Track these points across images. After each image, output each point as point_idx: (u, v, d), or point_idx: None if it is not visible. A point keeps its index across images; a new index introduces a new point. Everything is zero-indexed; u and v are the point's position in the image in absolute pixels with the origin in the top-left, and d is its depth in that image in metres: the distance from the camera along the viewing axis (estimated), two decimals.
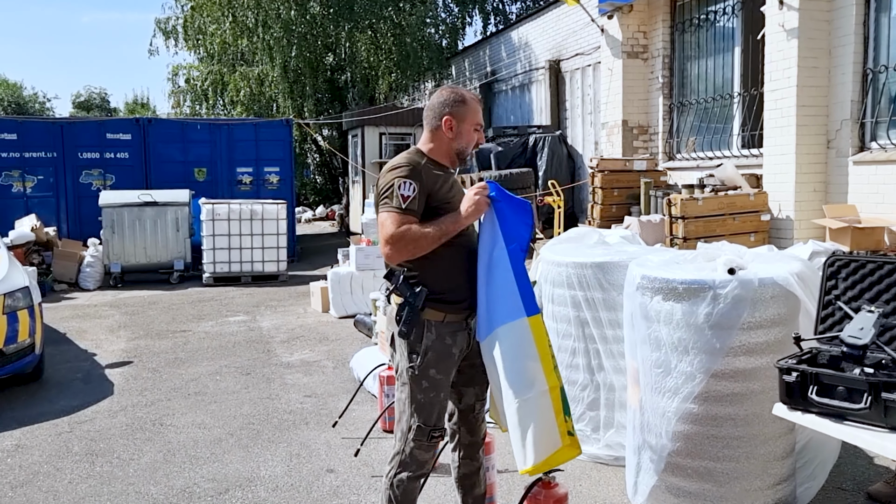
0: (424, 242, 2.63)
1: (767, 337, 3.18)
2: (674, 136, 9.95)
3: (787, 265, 3.31)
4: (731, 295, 3.11)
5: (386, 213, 2.63)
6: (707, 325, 3.15)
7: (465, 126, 2.82)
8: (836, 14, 7.26)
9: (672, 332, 3.26)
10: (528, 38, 14.51)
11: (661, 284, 3.27)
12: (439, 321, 2.74)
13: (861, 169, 7.13)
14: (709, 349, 3.17)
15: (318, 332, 7.69)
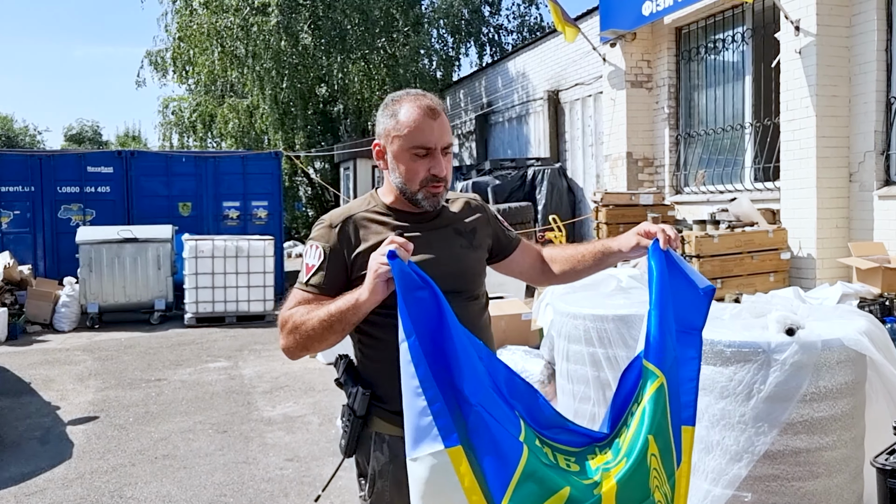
0: (309, 333, 1.80)
1: (833, 410, 2.64)
2: (681, 168, 9.49)
3: (852, 322, 2.78)
4: (789, 361, 2.58)
5: (291, 291, 1.93)
6: (759, 395, 2.62)
7: (396, 150, 1.90)
8: (856, 40, 6.85)
9: (714, 402, 2.72)
10: (526, 68, 14.14)
11: (705, 347, 2.73)
12: (394, 436, 1.84)
13: (888, 204, 6.65)
14: (761, 424, 2.63)
15: (304, 381, 7.10)
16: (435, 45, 18.61)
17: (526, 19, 20.56)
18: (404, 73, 17.40)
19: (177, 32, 17.90)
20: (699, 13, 8.83)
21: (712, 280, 6.71)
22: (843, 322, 2.78)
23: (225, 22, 16.34)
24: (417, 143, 1.89)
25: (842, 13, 6.87)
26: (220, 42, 16.53)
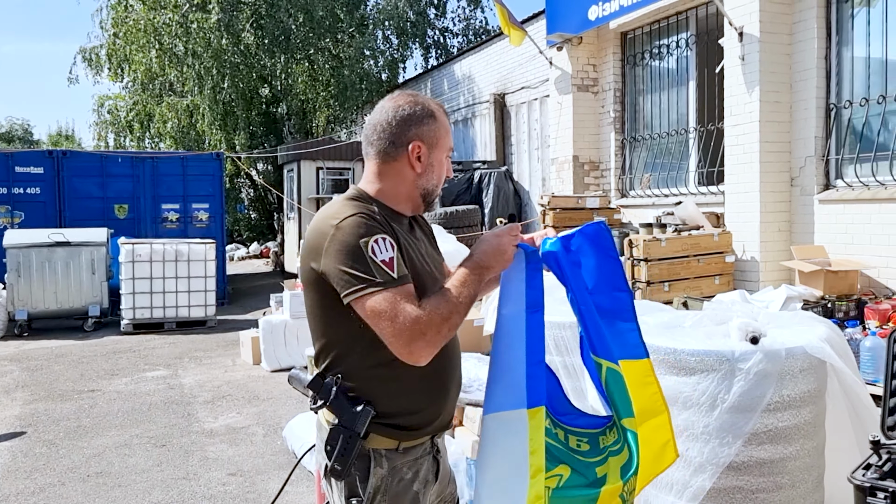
0: (458, 320, 1.73)
1: (796, 419, 2.61)
2: (627, 172, 9.56)
3: (813, 329, 2.76)
4: (753, 370, 2.54)
5: (378, 297, 1.68)
6: (724, 405, 2.57)
7: (438, 154, 1.89)
8: (797, 47, 6.98)
9: (678, 412, 2.66)
10: (472, 71, 14.10)
11: (665, 355, 2.68)
12: (391, 449, 1.84)
13: (828, 208, 6.79)
14: (725, 435, 2.58)
15: (248, 390, 6.86)
16: (380, 46, 18.42)
17: (471, 22, 20.56)
18: (349, 74, 17.17)
19: (112, 29, 17.27)
20: (644, 19, 8.90)
21: (660, 283, 6.77)
22: (804, 329, 2.76)
23: (163, 19, 15.84)
24: (450, 144, 1.94)
25: (784, 21, 7.00)
26: (157, 39, 15.99)
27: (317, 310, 1.85)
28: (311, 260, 1.79)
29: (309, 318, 1.91)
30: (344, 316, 1.76)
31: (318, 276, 1.77)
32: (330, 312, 1.80)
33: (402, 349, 1.69)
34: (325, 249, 1.73)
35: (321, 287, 1.78)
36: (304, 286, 1.88)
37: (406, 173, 1.88)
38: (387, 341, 1.70)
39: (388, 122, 1.85)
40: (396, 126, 1.84)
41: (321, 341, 1.87)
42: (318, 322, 1.86)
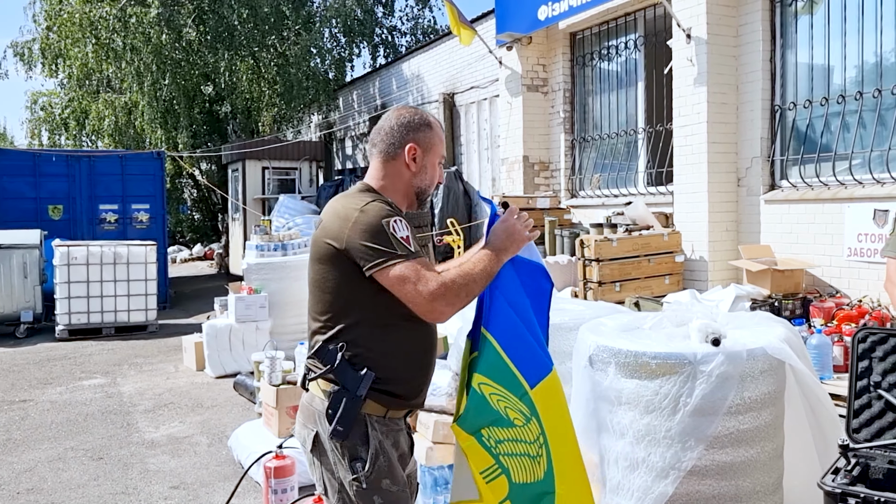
0: (476, 289, 2.02)
1: (757, 422, 2.58)
2: (576, 172, 9.57)
3: (772, 330, 2.73)
4: (716, 372, 2.49)
5: (401, 266, 1.95)
6: (686, 409, 2.51)
7: (431, 158, 2.20)
8: (743, 49, 7.07)
9: (639, 417, 2.60)
10: (421, 70, 13.99)
11: (626, 358, 2.62)
12: (381, 416, 2.06)
13: (773, 208, 6.89)
14: (687, 439, 2.53)
15: (191, 397, 6.61)
16: (327, 44, 18.15)
17: (420, 21, 20.45)
18: (295, 72, 16.86)
19: (45, 22, 16.59)
20: (593, 19, 8.93)
21: (612, 283, 6.77)
22: (763, 330, 2.73)
23: (100, 12, 15.27)
24: (443, 152, 2.26)
25: (730, 23, 7.08)
26: (94, 34, 15.40)
27: (327, 283, 2.06)
28: (330, 238, 2.03)
29: (315, 291, 2.11)
30: (355, 290, 2.02)
31: (337, 252, 2.01)
32: (343, 287, 2.03)
33: (425, 306, 1.95)
34: (350, 229, 1.98)
35: (338, 263, 2.02)
36: (315, 262, 2.09)
37: (404, 172, 2.17)
38: (412, 302, 1.96)
39: (390, 127, 2.17)
40: (397, 130, 2.16)
41: (328, 314, 2.07)
42: (328, 295, 2.06)
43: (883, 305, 5.99)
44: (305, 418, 2.10)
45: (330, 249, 2.02)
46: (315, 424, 2.05)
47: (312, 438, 2.05)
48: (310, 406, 2.09)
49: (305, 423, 2.09)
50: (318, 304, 2.10)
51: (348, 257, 1.99)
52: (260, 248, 7.92)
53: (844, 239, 6.28)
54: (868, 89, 6.21)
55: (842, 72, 6.50)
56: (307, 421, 2.09)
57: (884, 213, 5.98)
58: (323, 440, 2.03)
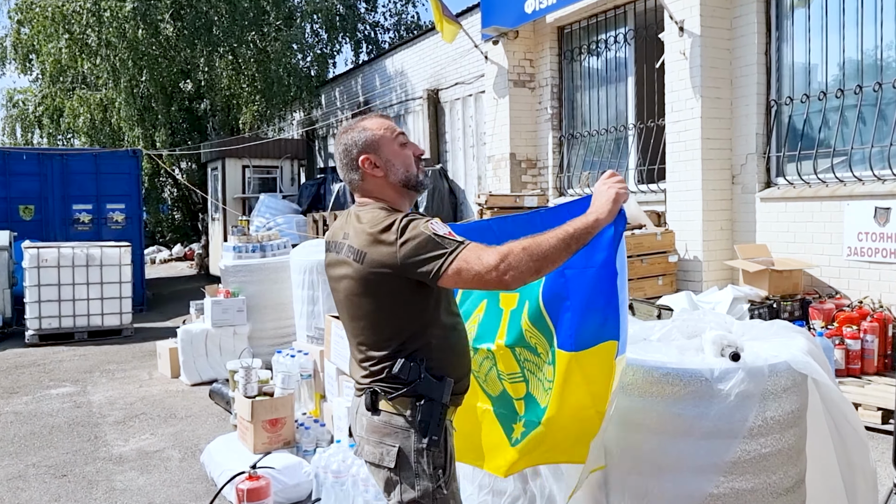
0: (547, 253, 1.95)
1: (780, 444, 2.32)
2: (565, 170, 9.33)
3: (793, 341, 2.48)
4: (735, 391, 2.24)
5: (456, 258, 1.95)
6: (701, 431, 2.25)
7: (385, 150, 2.17)
8: (738, 43, 6.86)
9: (647, 439, 2.34)
10: (404, 66, 13.69)
11: (634, 375, 2.36)
12: (451, 420, 2.18)
13: (769, 206, 6.68)
14: (702, 465, 2.27)
15: (165, 407, 6.30)
16: (308, 40, 17.79)
17: (403, 17, 20.13)
18: (276, 68, 16.48)
19: (17, 16, 16.11)
20: (581, 13, 8.68)
21: None
22: (783, 341, 2.48)
23: (73, 6, 14.83)
24: (393, 130, 2.19)
25: (724, 15, 6.86)
26: (67, 28, 14.95)
27: (382, 311, 2.07)
28: (378, 268, 2.02)
29: (364, 323, 2.12)
30: (416, 303, 2.06)
31: (390, 276, 2.01)
32: (400, 308, 2.06)
33: (492, 273, 1.91)
34: (400, 250, 1.98)
35: (392, 286, 2.03)
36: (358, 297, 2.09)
37: (376, 182, 2.18)
38: (480, 283, 1.97)
39: (339, 158, 2.22)
40: (343, 156, 2.19)
41: (390, 339, 2.08)
42: (386, 321, 2.09)
43: (885, 307, 5.80)
44: (382, 437, 2.10)
45: (380, 277, 2.03)
46: (396, 441, 2.07)
47: (396, 455, 2.06)
48: (387, 425, 2.09)
49: (382, 441, 2.10)
50: (374, 334, 2.12)
51: (406, 277, 2.01)
52: (238, 249, 7.60)
53: (844, 238, 6.08)
54: (868, 83, 6.01)
55: (840, 65, 6.30)
56: (385, 439, 2.10)
57: (885, 210, 5.78)
58: (407, 454, 2.06)
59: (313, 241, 6.55)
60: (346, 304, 2.16)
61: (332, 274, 2.22)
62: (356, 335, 2.16)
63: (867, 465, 2.44)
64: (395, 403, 2.07)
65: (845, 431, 2.45)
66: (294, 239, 10.16)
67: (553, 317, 2.38)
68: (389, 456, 2.07)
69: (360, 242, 2.06)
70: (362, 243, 2.05)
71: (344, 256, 2.12)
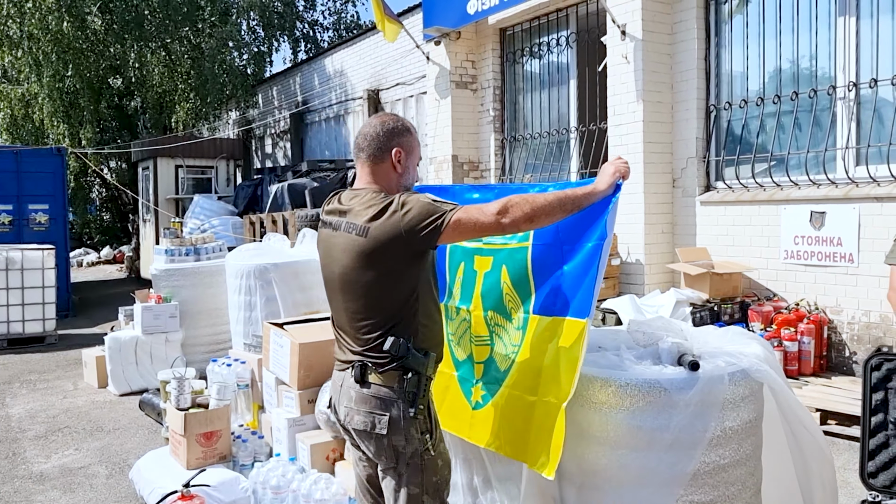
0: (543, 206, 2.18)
1: (738, 455, 2.27)
2: (507, 172, 9.29)
3: (748, 348, 2.44)
4: (694, 400, 2.17)
5: (457, 213, 2.17)
6: (662, 444, 2.18)
7: (412, 160, 2.40)
8: (678, 47, 6.92)
9: (605, 453, 2.25)
10: (344, 66, 13.47)
11: (591, 387, 2.27)
12: (431, 389, 2.37)
13: (709, 209, 6.76)
14: (663, 478, 2.20)
15: (91, 419, 5.96)
16: (245, 37, 17.35)
17: (342, 16, 19.85)
18: (211, 66, 16.03)
19: None
20: (523, 15, 8.65)
21: None
22: (739, 348, 2.43)
23: None
24: (420, 154, 2.48)
25: (664, 20, 6.92)
26: None
27: (380, 283, 2.23)
28: (384, 237, 2.18)
29: (365, 295, 2.25)
30: (409, 279, 2.24)
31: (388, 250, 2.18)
32: (396, 283, 2.23)
33: (498, 225, 2.16)
34: (403, 217, 2.16)
35: (391, 260, 2.20)
36: (363, 269, 2.22)
37: (391, 174, 2.35)
38: (485, 230, 2.20)
39: (376, 133, 2.34)
40: (383, 136, 2.33)
41: (385, 312, 2.25)
42: (382, 292, 2.23)
43: (821, 309, 5.92)
44: (372, 407, 2.25)
45: (382, 249, 2.18)
46: (388, 410, 2.23)
47: (388, 422, 2.22)
48: (376, 396, 2.24)
49: (373, 411, 2.24)
50: (369, 308, 2.25)
51: (407, 247, 2.18)
52: (170, 252, 7.27)
53: (781, 241, 6.18)
54: (804, 89, 6.13)
55: (776, 72, 6.41)
56: (376, 409, 2.24)
57: (820, 214, 5.90)
58: (398, 421, 2.22)
59: (251, 245, 6.30)
60: (342, 279, 2.28)
61: (328, 249, 2.35)
62: (351, 310, 2.29)
63: (826, 473, 2.41)
64: (383, 376, 2.23)
65: (803, 439, 2.42)
66: (230, 242, 9.84)
67: (538, 282, 2.53)
68: (381, 423, 2.23)
69: (363, 219, 2.21)
70: (366, 219, 2.20)
71: (344, 232, 2.26)
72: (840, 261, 5.79)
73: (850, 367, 5.78)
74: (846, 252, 5.75)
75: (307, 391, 4.08)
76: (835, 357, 5.88)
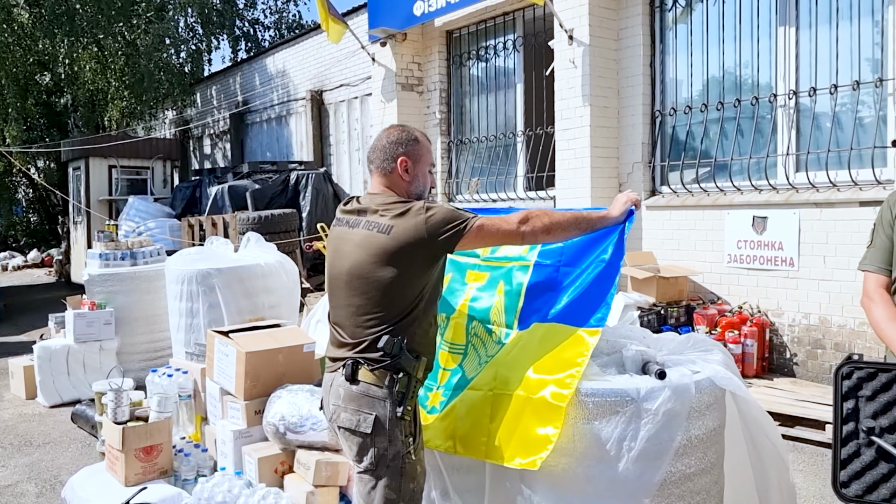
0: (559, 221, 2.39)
1: (703, 463, 2.25)
2: (453, 176, 9.24)
3: (710, 355, 2.42)
4: (662, 410, 2.14)
5: (479, 221, 2.32)
6: (630, 454, 2.13)
7: (421, 167, 2.48)
8: (624, 54, 6.98)
9: (573, 466, 2.21)
10: (286, 66, 13.21)
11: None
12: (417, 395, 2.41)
13: (655, 214, 6.84)
14: (631, 490, 2.15)
15: (18, 433, 5.64)
16: (182, 35, 16.87)
17: (284, 16, 19.52)
18: (146, 63, 15.52)
19: None
20: (470, 17, 8.63)
21: None
22: (701, 355, 2.42)
23: None
24: (431, 160, 2.54)
25: (611, 26, 6.97)
26: None
27: (394, 282, 2.28)
28: (409, 237, 2.26)
29: (378, 291, 2.29)
30: (419, 284, 2.31)
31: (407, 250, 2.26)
32: (409, 283, 2.29)
33: (519, 235, 2.33)
34: (427, 221, 2.27)
35: (408, 259, 2.27)
36: (376, 265, 2.28)
37: (400, 182, 2.43)
38: (506, 238, 2.36)
39: (383, 145, 2.45)
40: (389, 147, 2.44)
41: (389, 310, 2.29)
42: (396, 290, 2.29)
43: (763, 311, 6.04)
44: (360, 405, 2.28)
45: (402, 249, 2.26)
46: (374, 409, 2.26)
47: (373, 422, 2.25)
48: (365, 394, 2.27)
49: (360, 409, 2.27)
50: (379, 305, 2.30)
51: (430, 245, 2.27)
52: (104, 256, 6.95)
53: (725, 245, 6.29)
54: (745, 97, 6.25)
55: (720, 79, 6.53)
56: (362, 407, 2.27)
57: (762, 219, 6.02)
58: (383, 421, 2.25)
59: (192, 249, 6.07)
60: (350, 274, 2.34)
61: (340, 246, 2.41)
62: (355, 304, 2.33)
63: (784, 480, 2.41)
64: (375, 374, 2.26)
65: (762, 445, 2.41)
66: (168, 245, 9.51)
67: (528, 302, 2.59)
68: (366, 423, 2.25)
69: (387, 217, 2.30)
70: (390, 217, 2.29)
71: (363, 229, 2.33)
72: (781, 265, 5.92)
73: (790, 368, 5.92)
74: (787, 256, 5.88)
75: (254, 402, 3.92)
76: (776, 359, 6.01)
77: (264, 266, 5.11)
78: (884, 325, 2.36)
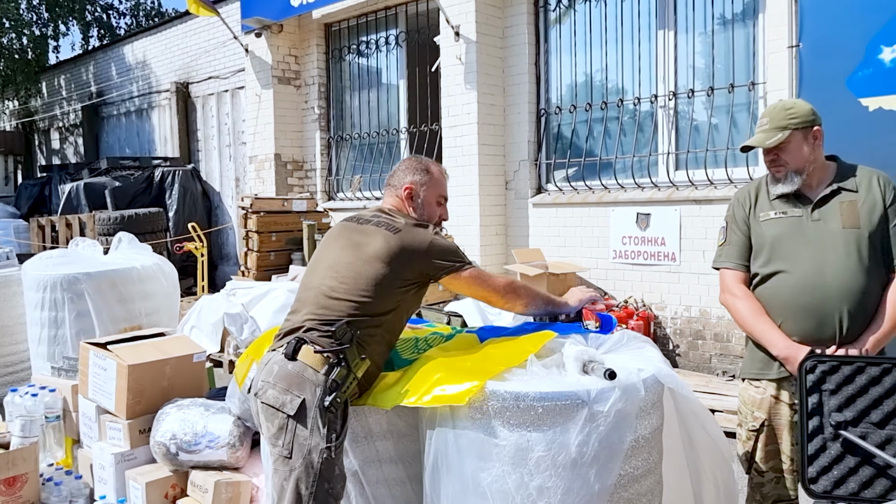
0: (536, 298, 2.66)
1: (647, 464, 2.20)
2: (334, 173, 8.96)
3: (647, 352, 2.39)
4: (613, 410, 2.06)
5: (472, 270, 2.44)
6: (583, 459, 2.04)
7: (428, 197, 2.60)
8: (510, 52, 7.01)
9: (529, 477, 2.07)
10: (147, 56, 12.36)
11: (504, 402, 2.08)
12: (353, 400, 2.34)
13: (541, 211, 6.91)
14: (589, 498, 2.05)
15: None
16: (25, 17, 15.42)
17: (142, 3, 18.30)
18: None
19: None
20: (350, 11, 8.40)
21: None
22: (638, 353, 2.37)
23: None
24: (441, 193, 2.65)
25: (497, 24, 6.98)
26: None
27: (382, 279, 2.32)
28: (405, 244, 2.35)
29: (355, 279, 2.33)
30: (400, 294, 2.36)
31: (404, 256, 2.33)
32: (392, 289, 2.33)
33: (502, 298, 2.51)
34: (429, 247, 2.38)
35: (402, 266, 2.34)
36: (372, 257, 2.33)
37: (405, 208, 2.56)
38: (490, 296, 2.49)
39: (396, 171, 2.64)
40: (400, 174, 2.62)
41: (363, 301, 2.30)
42: (378, 287, 2.32)
43: (647, 305, 6.23)
44: (290, 385, 2.23)
45: (400, 252, 2.33)
46: (303, 392, 2.21)
47: (298, 405, 2.20)
48: (300, 375, 2.23)
49: (289, 389, 2.22)
50: (354, 294, 2.31)
51: (424, 262, 2.36)
52: None
53: (610, 241, 6.44)
54: (628, 97, 6.43)
55: (603, 79, 6.68)
56: (292, 388, 2.22)
57: (646, 216, 6.21)
58: (308, 408, 2.20)
59: (53, 252, 5.44)
60: (339, 256, 2.38)
61: (336, 237, 2.49)
62: (329, 285, 2.34)
63: (722, 473, 2.41)
64: (316, 357, 2.22)
65: (699, 441, 2.40)
66: (16, 248, 8.60)
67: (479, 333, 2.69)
68: (292, 404, 2.20)
69: (399, 223, 2.41)
70: (401, 223, 2.40)
71: (373, 226, 2.41)
72: (664, 259, 6.13)
73: (673, 359, 6.14)
74: (669, 251, 6.10)
75: (138, 420, 3.53)
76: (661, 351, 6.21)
77: (140, 269, 4.67)
78: (751, 319, 2.44)
